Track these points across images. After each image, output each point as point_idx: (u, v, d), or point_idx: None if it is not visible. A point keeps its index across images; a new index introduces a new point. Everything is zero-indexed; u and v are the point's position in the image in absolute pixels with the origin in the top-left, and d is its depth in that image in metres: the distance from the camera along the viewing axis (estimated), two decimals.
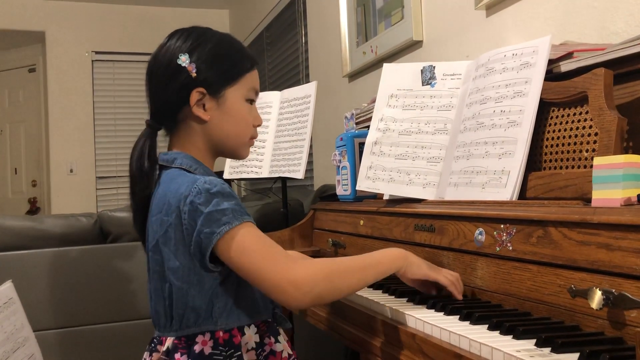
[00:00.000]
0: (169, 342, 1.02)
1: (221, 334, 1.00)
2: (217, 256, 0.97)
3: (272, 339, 1.06)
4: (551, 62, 1.16)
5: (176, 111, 1.07)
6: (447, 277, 1.09)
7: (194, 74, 1.05)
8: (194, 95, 1.05)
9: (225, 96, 1.08)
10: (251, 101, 1.12)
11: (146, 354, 1.07)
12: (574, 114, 1.08)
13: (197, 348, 0.99)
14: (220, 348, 1.00)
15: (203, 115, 1.06)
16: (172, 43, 1.08)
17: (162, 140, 1.12)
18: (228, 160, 2.33)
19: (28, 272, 2.35)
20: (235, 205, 0.97)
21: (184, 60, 1.05)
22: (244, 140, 1.13)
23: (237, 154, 1.14)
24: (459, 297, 1.07)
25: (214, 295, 0.99)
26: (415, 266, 1.08)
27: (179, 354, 1.00)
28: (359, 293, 1.22)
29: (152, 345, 1.06)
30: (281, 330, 1.10)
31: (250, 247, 0.95)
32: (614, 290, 0.78)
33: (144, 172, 1.06)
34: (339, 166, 1.79)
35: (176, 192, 0.99)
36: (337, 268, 0.99)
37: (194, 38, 1.08)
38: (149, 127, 1.09)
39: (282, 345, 1.07)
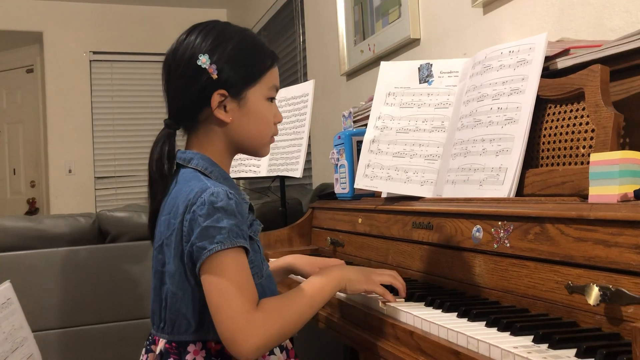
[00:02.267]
0: (161, 344, 1.01)
1: (213, 344, 0.99)
2: None
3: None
4: (548, 59, 1.16)
5: (196, 112, 1.05)
6: (383, 282, 1.11)
7: (214, 76, 1.02)
8: (215, 98, 1.03)
9: (246, 97, 1.05)
10: (271, 99, 1.10)
11: (143, 351, 1.07)
12: (571, 111, 1.09)
13: (189, 358, 0.99)
14: (212, 359, 0.99)
15: (224, 117, 1.04)
16: (192, 40, 1.04)
17: (179, 138, 1.10)
18: None
19: (27, 272, 2.35)
20: (234, 225, 0.94)
21: (204, 61, 1.02)
22: (266, 140, 1.11)
23: (258, 153, 1.12)
24: (392, 300, 1.10)
25: (206, 306, 0.96)
26: (355, 282, 1.09)
27: (171, 359, 1.00)
28: None
29: (148, 343, 1.06)
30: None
31: (222, 282, 0.92)
32: (611, 286, 0.78)
33: (164, 175, 1.04)
34: (337, 164, 1.80)
35: (186, 198, 0.97)
36: (290, 312, 0.97)
37: (215, 36, 1.04)
38: (167, 126, 1.07)
39: (277, 357, 1.06)
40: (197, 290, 0.97)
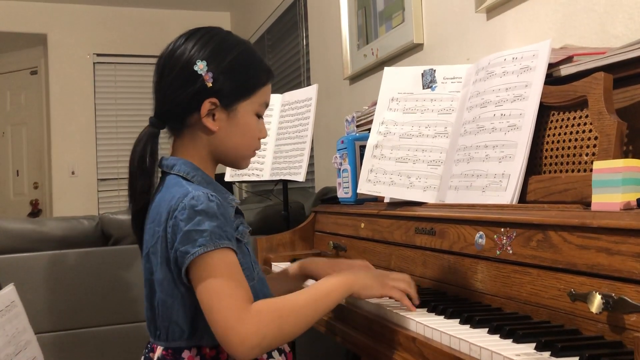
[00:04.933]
0: (158, 351, 1.01)
1: (208, 350, 0.99)
2: None
3: (264, 355, 1.03)
4: (551, 65, 1.16)
5: (184, 116, 1.05)
6: (399, 288, 1.07)
7: (209, 84, 1.02)
8: (206, 105, 1.03)
9: (236, 110, 1.05)
10: (259, 116, 1.11)
11: (142, 359, 1.06)
12: (574, 118, 1.09)
13: None
14: None
15: (212, 126, 1.04)
16: (190, 45, 1.04)
17: (166, 143, 1.11)
18: None
19: (29, 274, 2.35)
20: (217, 227, 0.93)
21: (200, 67, 1.02)
22: (248, 153, 1.11)
23: (238, 165, 1.13)
24: (412, 308, 1.06)
25: (197, 311, 0.96)
26: (368, 288, 1.06)
27: None
28: None
29: (146, 351, 1.06)
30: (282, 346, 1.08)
31: (211, 282, 0.91)
32: (613, 294, 0.78)
33: (146, 170, 1.04)
34: (339, 169, 1.80)
35: (168, 204, 0.97)
36: (288, 314, 0.94)
37: (215, 45, 1.04)
38: (151, 125, 1.06)
39: None
40: (187, 297, 0.97)
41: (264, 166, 2.31)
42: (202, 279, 0.92)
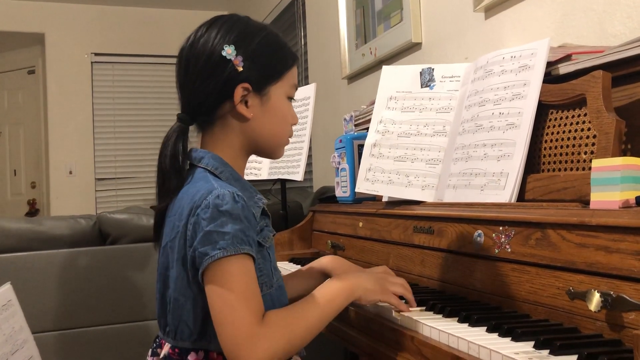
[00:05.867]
0: (166, 348, 0.99)
1: (215, 355, 0.96)
2: None
3: None
4: (550, 64, 1.16)
5: (215, 107, 1.01)
6: (397, 292, 1.06)
7: (240, 68, 0.99)
8: (239, 91, 0.99)
9: (269, 94, 1.03)
10: (291, 99, 1.08)
11: (149, 352, 1.04)
12: (573, 117, 1.09)
13: None
14: None
15: (246, 112, 1.00)
16: (214, 33, 1.01)
17: (192, 136, 1.07)
18: None
19: (27, 274, 2.34)
20: (239, 231, 0.90)
21: (229, 52, 0.98)
22: (283, 140, 1.07)
23: (274, 154, 1.09)
24: (407, 310, 1.05)
25: (208, 314, 0.92)
26: (371, 292, 1.04)
27: None
28: None
29: (155, 345, 1.04)
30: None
31: (226, 292, 0.88)
32: (612, 293, 0.78)
33: (179, 169, 1.00)
34: (338, 168, 1.80)
35: (191, 199, 0.93)
36: (297, 327, 0.92)
37: (240, 30, 1.02)
38: (180, 121, 1.02)
39: None
40: (199, 298, 0.94)
41: (261, 165, 2.31)
42: (216, 286, 0.89)
